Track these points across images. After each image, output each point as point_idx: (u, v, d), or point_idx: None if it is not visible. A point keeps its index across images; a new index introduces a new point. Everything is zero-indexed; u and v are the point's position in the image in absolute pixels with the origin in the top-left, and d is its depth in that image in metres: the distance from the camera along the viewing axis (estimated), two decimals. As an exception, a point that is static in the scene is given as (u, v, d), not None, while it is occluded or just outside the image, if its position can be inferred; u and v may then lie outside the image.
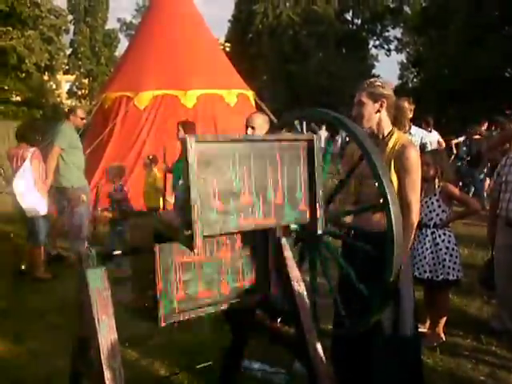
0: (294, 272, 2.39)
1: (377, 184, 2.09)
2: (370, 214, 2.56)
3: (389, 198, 2.05)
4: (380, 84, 2.58)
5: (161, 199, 5.70)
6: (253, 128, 3.31)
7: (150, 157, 6.24)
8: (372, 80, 2.66)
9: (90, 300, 1.91)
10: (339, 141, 16.75)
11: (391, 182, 2.15)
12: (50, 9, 24.83)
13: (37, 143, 5.16)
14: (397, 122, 2.66)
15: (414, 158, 2.51)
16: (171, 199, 5.14)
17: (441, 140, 7.83)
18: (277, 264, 2.35)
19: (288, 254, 2.42)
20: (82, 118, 5.94)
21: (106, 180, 6.01)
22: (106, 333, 1.90)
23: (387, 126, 2.61)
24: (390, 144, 2.55)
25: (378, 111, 2.58)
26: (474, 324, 3.91)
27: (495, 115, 9.27)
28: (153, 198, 5.88)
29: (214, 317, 3.10)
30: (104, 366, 1.87)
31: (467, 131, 9.87)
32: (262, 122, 3.33)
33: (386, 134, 2.60)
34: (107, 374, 1.87)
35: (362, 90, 2.58)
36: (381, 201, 2.10)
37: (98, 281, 1.93)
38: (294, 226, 2.45)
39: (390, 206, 2.04)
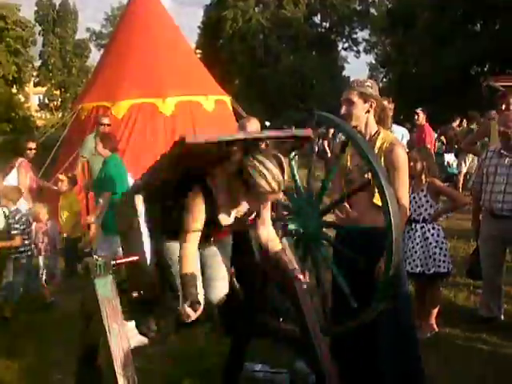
0: (295, 271, 2.44)
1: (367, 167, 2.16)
2: (364, 210, 2.62)
3: (381, 176, 2.12)
4: (370, 84, 2.62)
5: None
6: None
7: (69, 175, 5.37)
8: (361, 80, 2.69)
9: (100, 309, 1.92)
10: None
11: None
12: (16, 20, 24.34)
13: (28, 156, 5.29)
14: (380, 121, 2.72)
15: (402, 155, 2.58)
16: (94, 219, 4.56)
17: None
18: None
19: (288, 253, 2.46)
20: (103, 124, 5.93)
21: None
22: (118, 341, 1.91)
23: (373, 126, 2.66)
24: (378, 143, 2.61)
25: (368, 111, 2.63)
26: (463, 314, 4.02)
27: (468, 111, 9.54)
28: (74, 226, 5.14)
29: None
30: (117, 375, 1.87)
31: (441, 129, 10.13)
32: (258, 126, 3.39)
33: (372, 134, 2.65)
34: (120, 382, 1.87)
35: (352, 89, 2.60)
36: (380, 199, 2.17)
37: (107, 290, 1.93)
38: (293, 226, 2.49)
39: (384, 187, 2.11)
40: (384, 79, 32.96)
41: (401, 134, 4.82)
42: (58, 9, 29.46)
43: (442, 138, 10.22)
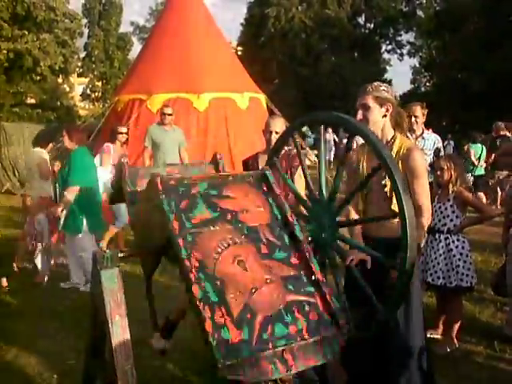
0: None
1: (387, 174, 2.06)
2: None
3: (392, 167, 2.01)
4: (385, 88, 2.56)
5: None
6: (277, 133, 3.30)
7: None
8: (376, 84, 2.61)
9: (104, 300, 1.93)
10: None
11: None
12: (65, 13, 25.04)
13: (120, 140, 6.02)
14: (397, 125, 2.64)
15: (420, 160, 2.49)
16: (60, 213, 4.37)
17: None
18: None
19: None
20: (166, 114, 5.99)
21: None
22: (119, 333, 1.92)
23: (390, 131, 2.59)
24: (395, 148, 2.54)
25: (385, 116, 2.56)
26: (486, 331, 3.86)
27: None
28: None
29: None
30: (117, 367, 1.88)
31: (482, 138, 9.77)
32: (282, 126, 3.34)
33: (389, 139, 2.58)
34: (120, 375, 1.88)
35: (367, 93, 2.53)
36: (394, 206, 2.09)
37: (112, 281, 1.94)
38: (308, 227, 2.44)
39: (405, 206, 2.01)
40: (427, 84, 32.18)
41: (433, 140, 4.67)
42: (104, 2, 30.28)
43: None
